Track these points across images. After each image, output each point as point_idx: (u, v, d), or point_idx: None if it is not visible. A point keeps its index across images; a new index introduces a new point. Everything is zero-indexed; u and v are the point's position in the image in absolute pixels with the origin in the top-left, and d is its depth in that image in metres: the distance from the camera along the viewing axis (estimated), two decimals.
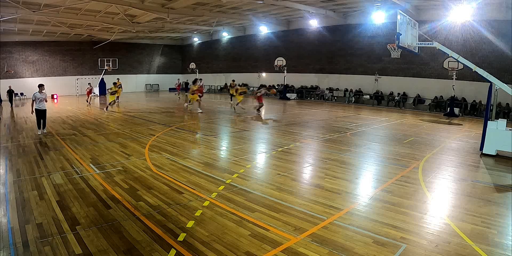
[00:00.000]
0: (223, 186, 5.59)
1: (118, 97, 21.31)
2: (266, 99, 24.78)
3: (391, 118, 15.15)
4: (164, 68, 36.36)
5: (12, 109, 18.89)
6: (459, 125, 13.66)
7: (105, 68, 29.73)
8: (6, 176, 6.09)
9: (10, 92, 21.11)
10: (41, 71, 27.93)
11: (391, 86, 20.26)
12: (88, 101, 21.14)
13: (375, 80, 20.49)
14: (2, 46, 25.15)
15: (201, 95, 22.41)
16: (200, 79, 23.81)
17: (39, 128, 10.41)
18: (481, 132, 8.54)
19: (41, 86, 10.25)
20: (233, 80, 21.22)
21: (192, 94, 16.05)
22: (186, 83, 30.31)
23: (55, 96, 25.41)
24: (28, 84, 26.53)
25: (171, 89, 35.30)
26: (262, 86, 18.62)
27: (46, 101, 10.28)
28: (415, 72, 19.27)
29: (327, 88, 23.81)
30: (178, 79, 28.60)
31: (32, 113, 10.24)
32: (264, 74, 28.46)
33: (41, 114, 10.23)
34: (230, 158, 7.63)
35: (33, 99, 10.06)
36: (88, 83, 22.98)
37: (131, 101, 22.61)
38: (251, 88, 26.90)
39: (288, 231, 4.02)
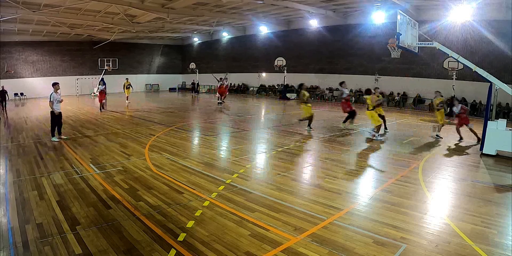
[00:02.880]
0: (223, 186, 5.59)
1: (127, 97, 21.00)
2: (266, 100, 24.87)
3: (391, 118, 15.14)
4: (164, 68, 36.35)
5: (5, 110, 17.57)
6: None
7: (105, 68, 29.74)
8: (6, 176, 6.09)
9: (3, 93, 18.76)
10: (41, 71, 27.92)
11: (391, 86, 20.26)
12: (103, 108, 16.64)
13: (375, 80, 20.48)
14: (2, 46, 25.13)
15: (222, 95, 20.48)
16: (226, 78, 20.71)
17: (53, 135, 9.32)
18: (481, 132, 8.53)
19: (55, 85, 9.06)
20: (342, 83, 12.89)
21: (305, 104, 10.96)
22: (193, 84, 29.98)
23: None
24: (28, 84, 26.59)
25: (171, 89, 35.32)
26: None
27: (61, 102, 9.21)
28: (415, 72, 19.27)
29: (327, 88, 23.81)
30: (226, 78, 21.03)
31: (53, 115, 9.07)
32: (264, 74, 28.46)
33: (58, 118, 9.19)
34: (230, 158, 7.63)
35: (51, 99, 8.93)
36: (100, 81, 17.51)
37: (132, 101, 22.55)
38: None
39: (288, 231, 4.02)
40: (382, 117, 10.68)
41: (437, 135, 10.37)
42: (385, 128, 11.25)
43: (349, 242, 3.78)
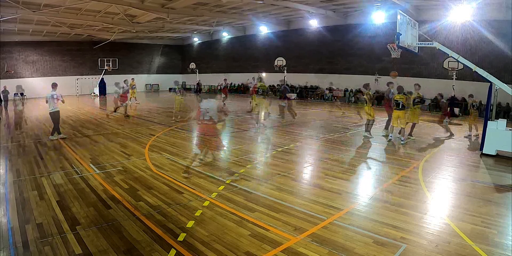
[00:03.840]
0: (223, 186, 5.59)
1: (135, 97, 20.70)
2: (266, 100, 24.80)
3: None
4: (164, 68, 36.32)
5: (6, 110, 17.12)
6: (459, 125, 13.65)
7: (105, 68, 29.72)
8: (6, 176, 6.09)
9: (5, 93, 17.82)
10: (41, 71, 27.91)
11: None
12: (115, 111, 14.72)
13: (375, 80, 20.46)
14: (2, 46, 25.12)
15: (225, 96, 19.69)
16: (253, 77, 19.37)
17: (54, 133, 9.51)
18: (481, 132, 8.53)
19: (55, 86, 9.52)
20: (389, 83, 11.50)
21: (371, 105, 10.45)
22: (198, 84, 29.80)
23: (54, 96, 25.30)
24: (28, 84, 26.54)
25: (171, 89, 35.30)
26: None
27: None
28: (415, 72, 19.25)
29: (327, 88, 23.79)
30: (225, 79, 20.66)
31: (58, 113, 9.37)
32: (264, 74, 28.43)
33: (59, 117, 9.50)
34: (230, 158, 7.63)
35: (54, 99, 9.31)
36: (124, 81, 15.50)
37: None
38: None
39: (288, 231, 4.02)
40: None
41: (474, 135, 10.75)
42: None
43: (349, 242, 3.78)
